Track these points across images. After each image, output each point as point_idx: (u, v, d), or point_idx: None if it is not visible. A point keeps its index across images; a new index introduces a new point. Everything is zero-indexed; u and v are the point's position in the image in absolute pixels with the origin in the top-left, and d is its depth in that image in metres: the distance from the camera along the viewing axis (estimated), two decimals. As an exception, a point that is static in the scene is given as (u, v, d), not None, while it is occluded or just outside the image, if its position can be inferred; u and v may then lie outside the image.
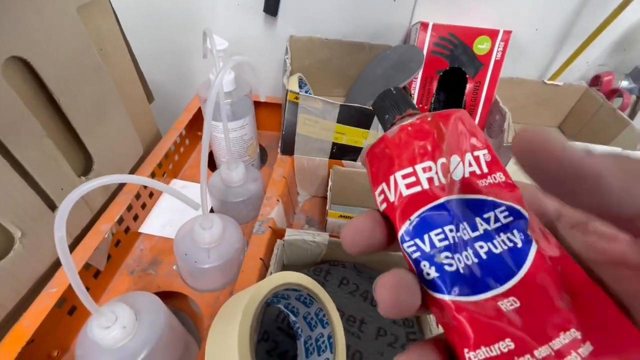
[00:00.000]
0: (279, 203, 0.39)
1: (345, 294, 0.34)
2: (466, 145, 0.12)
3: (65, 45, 0.29)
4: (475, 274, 0.11)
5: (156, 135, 0.50)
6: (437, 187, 0.11)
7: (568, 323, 0.10)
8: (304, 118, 0.40)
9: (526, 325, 0.10)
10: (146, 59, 0.55)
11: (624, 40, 0.48)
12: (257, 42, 0.54)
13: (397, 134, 0.12)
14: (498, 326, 0.10)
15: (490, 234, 0.11)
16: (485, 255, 0.11)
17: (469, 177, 0.12)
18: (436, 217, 0.11)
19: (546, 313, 0.10)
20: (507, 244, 0.11)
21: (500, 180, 0.12)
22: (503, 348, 0.10)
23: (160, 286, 0.39)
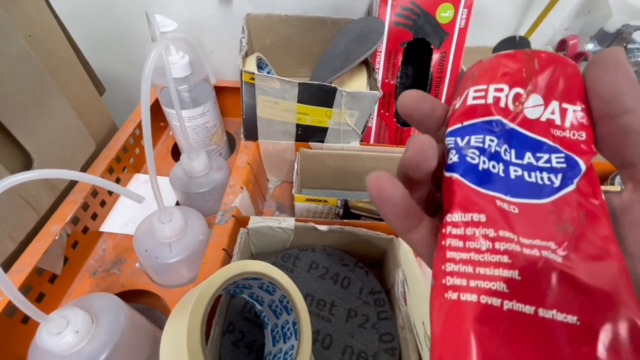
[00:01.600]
0: (243, 190, 0.38)
1: (315, 278, 0.34)
2: (557, 94, 0.12)
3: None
4: (492, 176, 0.12)
5: (112, 129, 0.47)
6: (500, 107, 0.12)
7: (551, 239, 0.11)
8: (263, 100, 0.38)
9: (510, 221, 0.11)
10: (94, 47, 0.52)
11: (588, 3, 0.47)
12: (212, 22, 0.51)
13: (490, 59, 0.13)
14: (481, 206, 0.11)
15: (532, 167, 0.12)
16: (514, 176, 0.12)
17: (544, 121, 0.12)
18: (484, 127, 0.12)
19: (535, 224, 0.11)
20: (544, 180, 0.12)
21: (579, 138, 0.12)
22: (475, 218, 0.11)
23: (125, 285, 0.37)
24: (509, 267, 0.10)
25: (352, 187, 0.47)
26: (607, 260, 0.10)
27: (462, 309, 0.10)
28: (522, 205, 0.11)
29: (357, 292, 0.33)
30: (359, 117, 0.39)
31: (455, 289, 0.11)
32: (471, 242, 0.11)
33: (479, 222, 0.11)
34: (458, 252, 0.11)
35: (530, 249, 0.11)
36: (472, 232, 0.11)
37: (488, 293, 0.10)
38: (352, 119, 0.39)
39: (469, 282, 0.11)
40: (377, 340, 0.30)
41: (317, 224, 0.34)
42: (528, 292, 0.10)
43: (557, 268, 0.10)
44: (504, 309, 0.10)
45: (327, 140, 0.42)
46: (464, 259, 0.11)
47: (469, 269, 0.11)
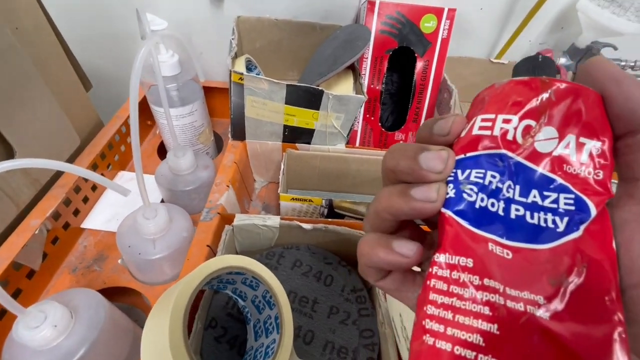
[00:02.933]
0: (229, 189, 0.38)
1: (298, 276, 0.34)
2: (574, 127, 0.11)
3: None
4: (489, 215, 0.11)
5: (98, 125, 0.47)
6: (508, 140, 0.11)
7: (541, 292, 0.10)
8: (251, 100, 0.39)
9: (500, 268, 0.10)
10: (83, 43, 0.52)
11: (561, 19, 0.50)
12: (203, 24, 0.52)
13: (503, 85, 0.12)
14: (472, 249, 0.11)
15: (537, 207, 0.11)
16: (514, 215, 0.11)
17: (557, 156, 0.11)
18: (488, 160, 0.12)
19: (527, 273, 0.10)
20: (547, 222, 0.11)
21: (596, 177, 0.11)
22: (462, 262, 0.11)
23: (106, 282, 0.37)
24: (488, 319, 0.10)
25: (337, 189, 0.48)
26: (603, 322, 0.09)
27: (435, 356, 0.10)
28: (518, 250, 0.11)
29: (340, 289, 0.34)
30: (345, 120, 0.41)
31: (432, 334, 0.10)
32: (455, 287, 0.11)
33: (466, 267, 0.11)
34: (441, 295, 0.11)
35: (515, 302, 0.10)
36: (458, 276, 0.11)
37: (463, 344, 0.10)
38: (338, 121, 0.41)
39: (447, 329, 0.10)
40: (357, 336, 0.30)
41: (302, 222, 0.34)
42: (505, 348, 0.10)
43: (542, 326, 0.10)
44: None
45: (313, 142, 0.43)
46: (446, 303, 0.11)
47: (449, 315, 0.10)
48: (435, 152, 0.12)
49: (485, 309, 0.10)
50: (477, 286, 0.10)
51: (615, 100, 0.10)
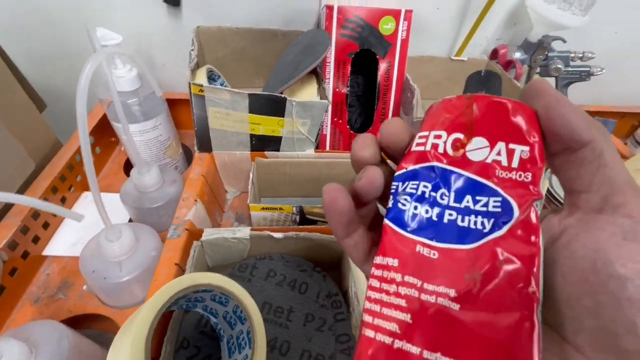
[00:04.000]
0: (197, 203, 0.37)
1: (272, 286, 0.34)
2: (503, 135, 0.12)
3: None
4: (421, 221, 0.13)
5: (56, 146, 0.45)
6: (438, 153, 0.13)
7: (454, 286, 0.11)
8: (214, 111, 0.38)
9: (422, 267, 0.12)
10: (35, 62, 0.49)
11: (514, 15, 0.52)
12: (163, 36, 0.51)
13: (437, 104, 0.14)
14: (399, 251, 0.12)
15: (468, 210, 0.12)
16: (447, 220, 0.12)
17: (489, 163, 0.12)
18: (423, 173, 0.13)
19: (447, 270, 0.11)
20: (476, 224, 0.12)
21: (525, 179, 0.12)
22: (390, 263, 0.12)
23: (72, 310, 0.35)
24: (404, 310, 0.11)
25: (310, 194, 0.48)
26: (511, 310, 0.10)
27: (365, 344, 0.12)
28: (443, 251, 0.12)
29: (315, 296, 0.34)
30: (311, 125, 0.41)
31: (366, 325, 0.12)
32: (384, 284, 0.12)
33: (392, 267, 0.12)
34: (374, 292, 0.12)
35: (429, 295, 0.11)
36: (387, 275, 0.12)
37: (383, 332, 0.11)
38: (304, 127, 0.40)
39: (374, 320, 0.12)
40: (333, 342, 0.30)
41: (273, 231, 0.34)
42: (417, 334, 0.11)
43: (450, 314, 0.11)
44: (393, 347, 0.11)
45: (282, 148, 0.43)
46: (377, 298, 0.12)
47: (377, 308, 0.12)
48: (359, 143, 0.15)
49: (402, 302, 0.12)
50: (399, 282, 0.12)
51: (555, 121, 0.11)
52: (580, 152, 0.11)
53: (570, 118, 0.11)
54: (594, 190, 0.11)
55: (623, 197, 0.11)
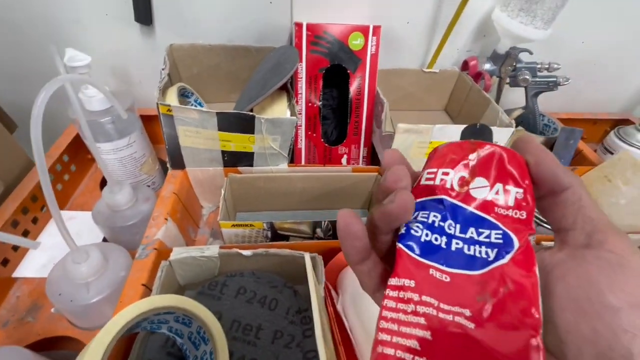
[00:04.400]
0: (167, 222, 0.37)
1: (242, 303, 0.34)
2: (500, 177, 0.14)
3: None
4: (432, 247, 0.14)
5: (28, 166, 0.45)
6: (446, 188, 0.14)
7: (469, 306, 0.12)
8: (183, 130, 0.38)
9: (437, 288, 0.13)
10: (7, 81, 0.49)
11: (482, 28, 0.54)
12: (137, 53, 0.51)
13: (444, 146, 0.16)
14: (415, 273, 0.13)
15: (473, 241, 0.14)
16: (454, 248, 0.14)
17: (490, 200, 0.14)
18: (432, 204, 0.14)
19: (460, 292, 0.13)
20: (481, 253, 0.13)
21: (520, 217, 0.13)
22: (407, 284, 0.13)
23: (41, 334, 0.35)
24: (424, 327, 0.12)
25: (284, 207, 0.48)
26: (519, 330, 0.11)
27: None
28: (454, 275, 0.13)
29: (284, 312, 0.34)
30: (282, 141, 0.41)
31: (382, 344, 0.12)
32: (401, 304, 0.13)
33: (409, 287, 0.13)
34: (390, 311, 0.13)
35: (446, 314, 0.12)
36: (403, 295, 0.13)
37: (403, 349, 0.12)
38: (275, 143, 0.41)
39: (392, 338, 0.12)
40: (301, 358, 0.30)
41: (242, 249, 0.34)
42: (436, 351, 0.12)
43: (467, 332, 0.12)
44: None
45: (255, 163, 0.44)
46: (393, 318, 0.13)
47: (395, 327, 0.13)
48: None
49: (422, 319, 0.12)
50: (417, 302, 0.13)
51: (542, 168, 0.14)
52: (563, 194, 0.13)
53: (554, 167, 0.13)
54: (579, 228, 0.13)
55: (604, 235, 0.12)
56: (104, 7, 0.46)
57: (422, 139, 0.41)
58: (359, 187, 0.47)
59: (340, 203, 0.48)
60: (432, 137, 0.41)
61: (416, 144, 0.42)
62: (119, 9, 0.46)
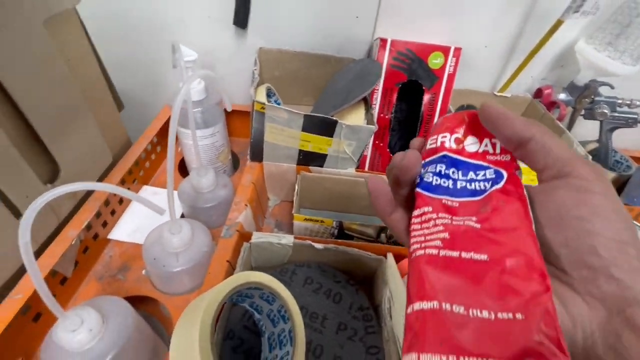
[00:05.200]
0: (247, 208, 0.41)
1: (309, 293, 0.37)
2: (486, 134, 0.18)
3: (32, 58, 0.30)
4: (442, 187, 0.18)
5: (126, 143, 0.50)
6: (446, 147, 0.19)
7: (474, 215, 0.16)
8: (270, 127, 0.42)
9: (449, 210, 0.17)
10: (117, 67, 0.56)
11: (561, 58, 0.54)
12: (227, 53, 0.56)
13: (440, 120, 0.20)
14: (431, 204, 0.18)
15: (473, 180, 0.18)
16: (459, 186, 0.18)
17: (481, 152, 0.18)
18: (437, 160, 0.19)
19: (466, 210, 0.17)
20: (480, 186, 0.17)
21: (506, 159, 0.18)
22: (426, 210, 0.18)
23: (129, 291, 0.39)
24: (442, 232, 0.16)
25: (346, 210, 0.50)
26: (515, 227, 0.15)
27: (417, 260, 0.16)
28: (461, 202, 0.17)
29: (348, 307, 0.36)
30: (356, 147, 0.44)
31: (415, 251, 0.17)
32: (424, 224, 0.17)
33: (428, 212, 0.18)
34: (417, 231, 0.18)
35: (458, 222, 0.17)
36: (424, 218, 0.18)
37: (431, 247, 0.16)
38: (349, 148, 0.44)
39: (422, 245, 0.17)
40: (364, 352, 0.32)
41: (314, 242, 0.37)
42: (454, 244, 0.16)
43: (475, 230, 0.16)
44: (440, 255, 0.16)
45: (325, 165, 0.46)
46: (420, 234, 0.17)
47: (422, 238, 0.17)
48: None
49: (441, 227, 0.17)
50: (435, 218, 0.17)
51: (502, 130, 0.17)
52: (529, 145, 0.16)
53: (514, 126, 0.16)
54: (550, 166, 0.16)
55: (572, 166, 0.15)
56: (208, 9, 0.52)
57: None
58: (420, 200, 0.48)
59: (400, 213, 0.49)
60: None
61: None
62: (220, 12, 0.51)
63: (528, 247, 0.14)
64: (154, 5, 0.52)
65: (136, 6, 0.52)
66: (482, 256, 0.15)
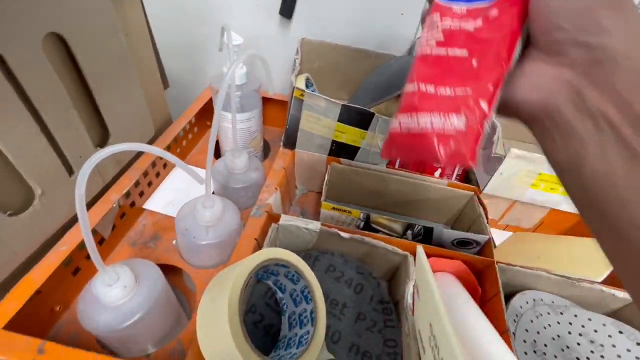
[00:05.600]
0: (276, 191, 0.42)
1: (331, 280, 0.37)
2: None
3: (97, 27, 0.32)
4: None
5: (168, 120, 0.53)
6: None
7: (470, 18, 0.19)
8: (307, 114, 0.43)
9: (453, 14, 0.20)
10: (165, 47, 0.59)
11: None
12: (270, 41, 0.58)
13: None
14: (439, 10, 0.21)
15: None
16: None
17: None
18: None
19: (469, 14, 0.19)
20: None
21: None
22: (435, 18, 0.21)
23: (159, 259, 0.41)
24: (439, 34, 0.20)
25: (373, 205, 0.50)
26: (503, 31, 0.18)
27: (415, 59, 0.21)
28: (469, 8, 0.20)
29: (368, 299, 0.36)
30: (390, 142, 0.44)
31: (422, 50, 0.21)
32: (429, 28, 0.21)
33: (435, 18, 0.21)
34: (424, 36, 0.21)
35: (454, 25, 0.19)
36: (431, 23, 0.21)
37: (426, 45, 0.20)
38: (382, 142, 0.44)
39: (422, 46, 0.21)
40: (381, 344, 0.32)
41: (341, 231, 0.37)
42: (444, 44, 0.19)
43: (465, 32, 0.19)
44: (432, 54, 0.20)
45: (356, 158, 0.46)
46: (424, 37, 0.21)
47: (425, 41, 0.21)
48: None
49: (439, 30, 0.20)
50: (439, 23, 0.20)
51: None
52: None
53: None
54: None
55: None
56: (256, -2, 0.53)
57: (532, 168, 0.41)
58: (449, 203, 0.47)
59: (427, 213, 0.49)
60: (543, 169, 0.41)
61: (524, 172, 0.41)
62: (267, 1, 0.53)
63: (503, 46, 0.18)
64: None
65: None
66: (463, 52, 0.19)
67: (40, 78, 0.27)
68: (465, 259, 0.38)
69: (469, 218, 0.45)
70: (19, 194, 0.29)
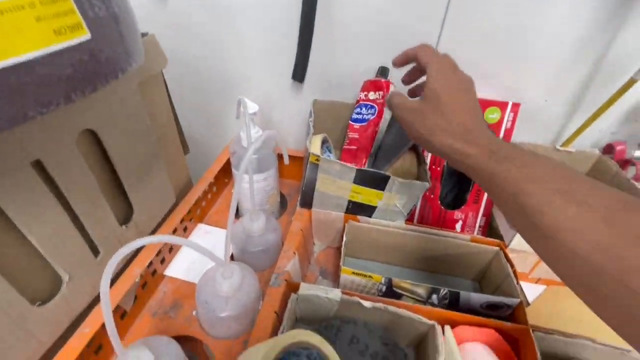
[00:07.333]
0: (295, 256, 0.41)
1: (355, 353, 0.35)
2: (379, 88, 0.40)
3: (126, 116, 0.35)
4: (356, 119, 0.40)
5: (188, 183, 0.55)
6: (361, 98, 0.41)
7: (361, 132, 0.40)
8: (323, 177, 0.43)
9: (356, 128, 0.40)
10: (186, 114, 0.63)
11: (636, 111, 0.50)
12: (284, 102, 0.60)
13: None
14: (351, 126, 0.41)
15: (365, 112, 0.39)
16: (362, 117, 0.41)
17: (372, 98, 0.39)
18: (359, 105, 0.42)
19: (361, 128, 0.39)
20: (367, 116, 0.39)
21: (380, 101, 0.40)
22: (350, 134, 0.43)
23: (179, 330, 0.41)
24: (352, 138, 0.34)
25: (393, 262, 0.49)
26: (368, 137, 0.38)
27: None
28: (360, 125, 0.35)
29: (395, 375, 0.34)
30: (407, 201, 0.43)
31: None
32: (350, 133, 0.34)
33: (351, 133, 0.32)
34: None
35: (352, 135, 0.37)
36: (349, 134, 0.33)
37: (346, 145, 0.32)
38: (400, 202, 0.43)
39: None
40: None
41: (362, 299, 0.36)
42: (350, 144, 0.36)
43: (355, 138, 0.37)
44: (347, 148, 0.31)
45: (374, 216, 0.46)
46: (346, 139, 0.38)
47: (347, 141, 0.37)
48: None
49: (352, 136, 0.36)
50: (350, 133, 0.33)
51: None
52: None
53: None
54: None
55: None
56: (270, 66, 0.57)
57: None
58: (474, 258, 0.45)
59: (452, 269, 0.47)
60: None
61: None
62: (281, 68, 0.56)
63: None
64: (225, 64, 0.58)
65: (209, 64, 0.59)
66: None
67: (74, 174, 0.29)
68: (497, 327, 0.35)
69: (497, 276, 0.43)
70: (47, 282, 0.30)
